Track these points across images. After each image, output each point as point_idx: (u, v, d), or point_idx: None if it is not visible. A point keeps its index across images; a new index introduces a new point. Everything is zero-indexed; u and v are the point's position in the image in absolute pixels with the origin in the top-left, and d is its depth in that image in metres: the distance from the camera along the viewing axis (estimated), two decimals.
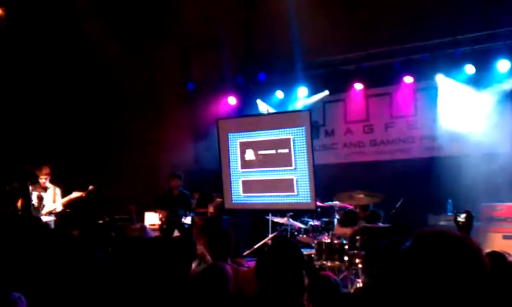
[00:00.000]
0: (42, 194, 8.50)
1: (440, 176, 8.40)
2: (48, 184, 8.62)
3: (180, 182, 9.09)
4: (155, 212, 9.23)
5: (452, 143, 8.88)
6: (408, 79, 9.19)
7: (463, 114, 8.79)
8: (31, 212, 8.06)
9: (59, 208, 8.60)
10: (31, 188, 8.52)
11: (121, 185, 10.50)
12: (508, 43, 8.40)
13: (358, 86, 9.70)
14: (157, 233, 8.48)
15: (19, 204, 8.45)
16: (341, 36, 9.45)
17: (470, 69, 8.62)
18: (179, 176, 9.17)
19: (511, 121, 8.44)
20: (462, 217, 6.33)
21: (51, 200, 8.55)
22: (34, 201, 8.44)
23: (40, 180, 8.55)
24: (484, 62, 8.55)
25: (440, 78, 8.89)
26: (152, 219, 9.48)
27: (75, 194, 8.56)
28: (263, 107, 10.48)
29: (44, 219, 8.23)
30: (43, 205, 8.45)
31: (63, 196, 8.71)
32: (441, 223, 8.12)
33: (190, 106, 11.61)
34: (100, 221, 7.95)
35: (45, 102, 11.56)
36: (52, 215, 8.46)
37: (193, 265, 4.43)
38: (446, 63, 8.76)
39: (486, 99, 8.55)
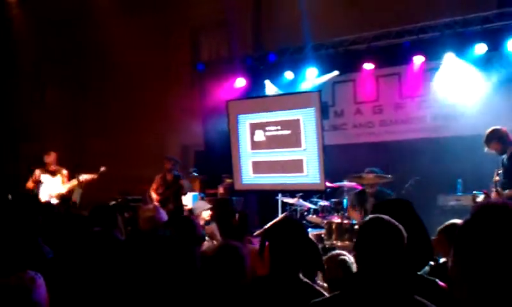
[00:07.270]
0: (51, 177, 8.57)
1: (450, 156, 8.38)
2: (55, 167, 8.66)
3: (172, 165, 9.00)
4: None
5: (462, 123, 8.83)
6: (418, 59, 9.13)
7: (470, 93, 8.74)
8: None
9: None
10: (38, 171, 8.62)
11: (131, 166, 10.59)
12: None
13: (368, 66, 9.64)
14: None
15: (30, 185, 8.60)
16: (351, 16, 9.40)
17: (480, 48, 8.54)
18: (169, 159, 9.13)
19: None
20: (481, 198, 6.32)
21: (60, 183, 8.62)
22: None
23: (46, 163, 8.62)
24: (495, 41, 8.47)
25: (449, 57, 8.80)
26: None
27: (87, 176, 8.60)
28: (271, 89, 10.46)
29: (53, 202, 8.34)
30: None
31: (70, 177, 8.76)
32: (451, 203, 8.13)
33: (199, 87, 11.61)
34: (113, 202, 8.03)
35: (58, 83, 11.66)
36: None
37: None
38: (456, 43, 8.67)
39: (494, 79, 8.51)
